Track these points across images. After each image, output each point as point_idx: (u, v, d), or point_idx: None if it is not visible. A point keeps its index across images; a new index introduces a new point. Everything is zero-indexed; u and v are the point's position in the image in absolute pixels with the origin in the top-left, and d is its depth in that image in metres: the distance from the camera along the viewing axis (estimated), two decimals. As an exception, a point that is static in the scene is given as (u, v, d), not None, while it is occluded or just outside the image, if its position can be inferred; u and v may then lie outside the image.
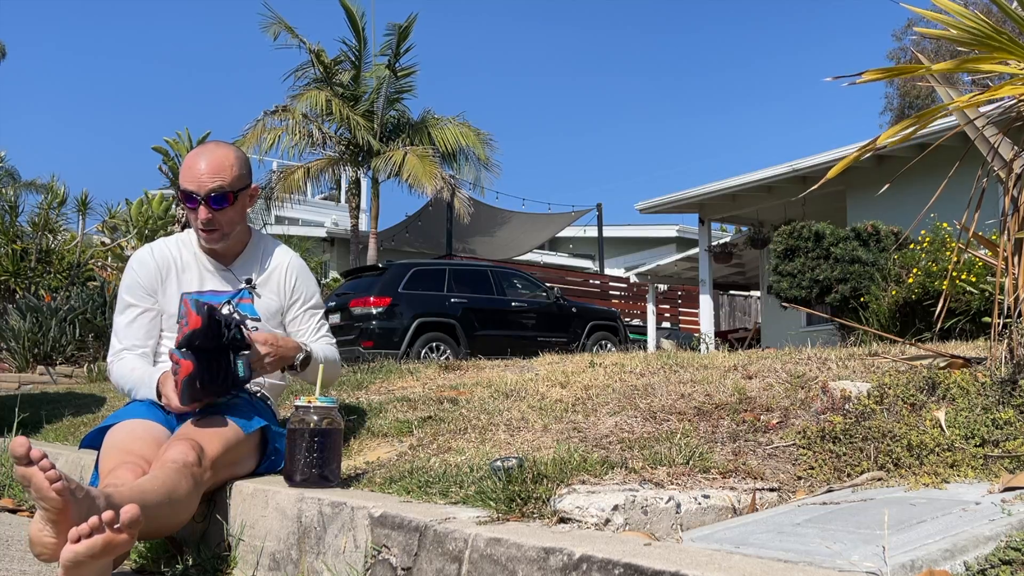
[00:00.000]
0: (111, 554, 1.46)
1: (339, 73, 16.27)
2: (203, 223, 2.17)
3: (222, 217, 2.18)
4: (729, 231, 17.59)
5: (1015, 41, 1.76)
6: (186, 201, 2.18)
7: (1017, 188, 1.87)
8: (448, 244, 18.22)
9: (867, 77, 1.78)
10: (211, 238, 2.20)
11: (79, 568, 1.44)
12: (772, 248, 8.61)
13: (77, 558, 1.43)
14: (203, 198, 2.14)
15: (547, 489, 1.52)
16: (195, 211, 2.17)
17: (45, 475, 1.42)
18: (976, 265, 5.16)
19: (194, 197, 2.14)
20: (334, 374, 2.38)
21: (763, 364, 2.73)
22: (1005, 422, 1.65)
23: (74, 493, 1.46)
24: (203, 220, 2.16)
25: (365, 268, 11.96)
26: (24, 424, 3.73)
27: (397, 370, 4.08)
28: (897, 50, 26.46)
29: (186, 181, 2.16)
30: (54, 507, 1.44)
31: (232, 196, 2.17)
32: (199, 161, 2.16)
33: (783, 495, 1.59)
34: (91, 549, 1.42)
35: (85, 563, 1.44)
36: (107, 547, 1.44)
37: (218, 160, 2.16)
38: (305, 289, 2.35)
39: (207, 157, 2.16)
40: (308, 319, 2.35)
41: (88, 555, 1.43)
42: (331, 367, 2.29)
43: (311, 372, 2.17)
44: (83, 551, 1.42)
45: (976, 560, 1.11)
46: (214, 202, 2.15)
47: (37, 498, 1.45)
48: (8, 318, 10.07)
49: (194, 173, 2.14)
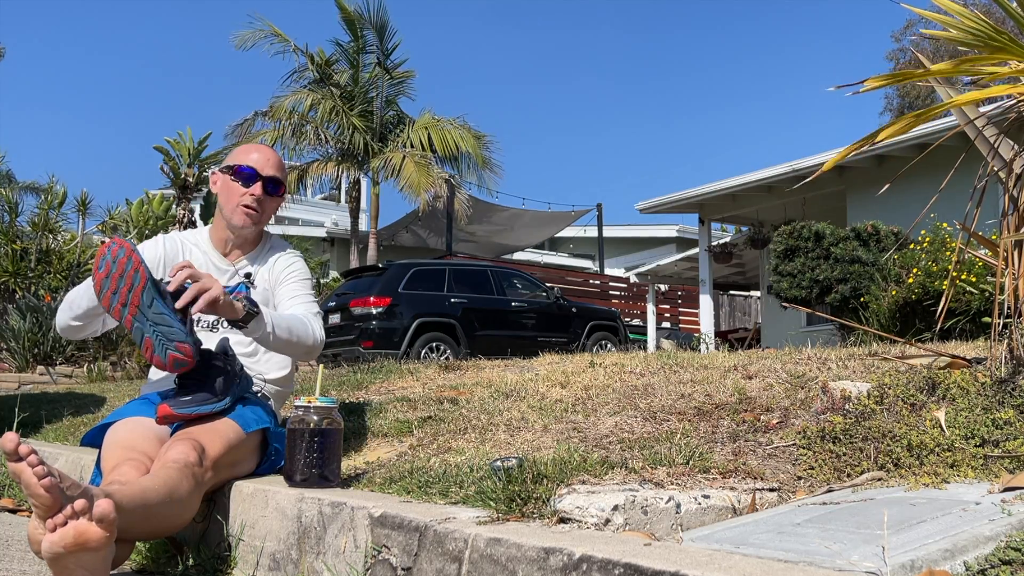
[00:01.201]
0: (86, 547, 1.45)
1: (336, 74, 16.29)
2: (253, 201, 2.27)
3: (267, 204, 2.31)
4: (729, 231, 17.59)
5: (1015, 41, 1.76)
6: (240, 176, 2.28)
7: (1017, 188, 1.87)
8: (448, 245, 18.23)
9: (870, 85, 1.77)
10: (250, 218, 2.29)
11: (60, 560, 1.45)
12: (772, 248, 8.60)
13: (53, 548, 1.43)
14: (264, 179, 2.28)
15: (547, 489, 1.52)
16: (249, 186, 2.27)
17: (34, 471, 1.41)
18: (976, 265, 5.16)
19: (256, 174, 2.28)
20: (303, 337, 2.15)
21: (763, 364, 2.73)
22: (1005, 422, 1.65)
23: (65, 490, 1.46)
24: (254, 198, 2.27)
25: (365, 268, 11.97)
26: (24, 424, 3.73)
27: (397, 370, 4.08)
28: (896, 51, 26.47)
29: (247, 161, 2.29)
30: (43, 503, 1.44)
31: (283, 190, 2.35)
32: (261, 151, 2.33)
33: (783, 495, 1.59)
34: (63, 538, 1.42)
35: (64, 556, 1.44)
36: (79, 538, 1.44)
37: (277, 158, 2.35)
38: (291, 271, 2.36)
39: (266, 152, 2.35)
40: (285, 290, 2.31)
41: (62, 545, 1.43)
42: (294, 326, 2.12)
43: (257, 330, 2.02)
44: (56, 541, 1.42)
45: (976, 560, 1.11)
46: (271, 185, 2.30)
47: (27, 494, 1.45)
48: (8, 318, 10.07)
49: (258, 158, 2.30)
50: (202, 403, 2.00)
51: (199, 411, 1.99)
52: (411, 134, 16.42)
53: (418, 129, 16.57)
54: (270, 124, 16.02)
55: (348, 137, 15.98)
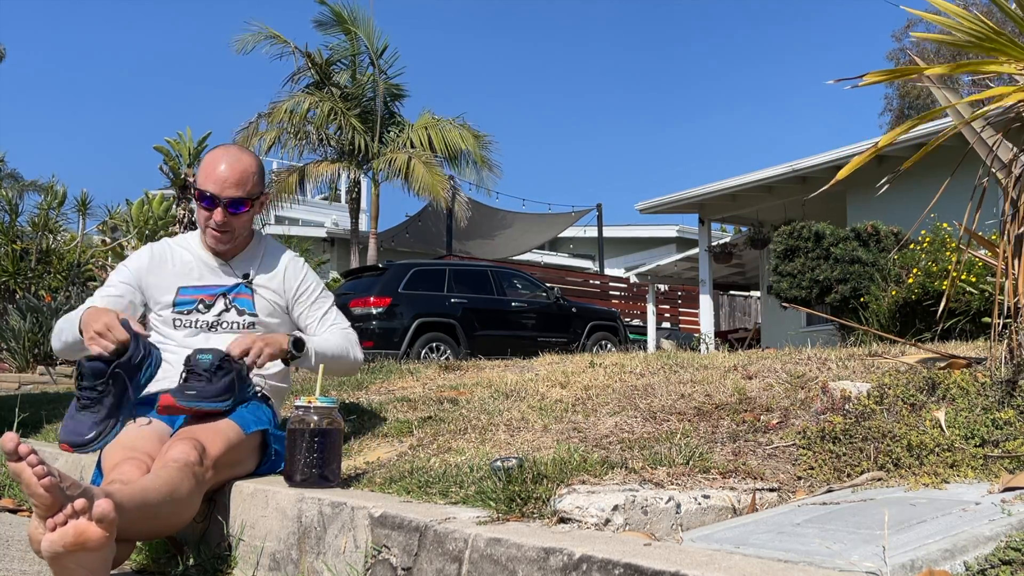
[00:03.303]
0: (86, 547, 1.45)
1: (335, 74, 16.30)
2: (217, 225, 2.22)
3: (236, 222, 2.25)
4: (729, 231, 17.59)
5: (1014, 42, 1.76)
6: (202, 201, 2.22)
7: (1016, 189, 1.87)
8: (448, 245, 18.22)
9: (868, 79, 1.79)
10: (221, 240, 2.26)
11: (60, 560, 1.45)
12: (772, 248, 8.60)
13: (53, 548, 1.43)
14: (223, 202, 2.19)
15: (547, 489, 1.52)
16: (210, 212, 2.21)
17: (33, 470, 1.42)
18: (976, 265, 5.16)
19: (214, 200, 2.19)
20: (344, 362, 2.35)
21: (763, 364, 2.73)
22: (1005, 422, 1.65)
23: (65, 490, 1.46)
24: (218, 223, 2.21)
25: (365, 268, 11.96)
26: (24, 424, 3.73)
27: (397, 370, 4.08)
28: (897, 51, 26.45)
29: (207, 182, 2.20)
30: (43, 503, 1.44)
31: (250, 203, 2.24)
32: (222, 165, 2.21)
33: (783, 495, 1.59)
34: (63, 538, 1.43)
35: (63, 555, 1.44)
36: (79, 538, 1.44)
37: (242, 168, 2.22)
38: (307, 285, 2.38)
39: (230, 163, 2.21)
40: (314, 311, 2.37)
41: (61, 544, 1.43)
42: (337, 354, 2.29)
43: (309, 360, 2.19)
44: (56, 540, 1.43)
45: (976, 560, 1.11)
46: (232, 207, 2.21)
47: (28, 494, 1.46)
48: (8, 318, 10.07)
49: (217, 176, 2.19)
50: (206, 399, 2.00)
51: (201, 407, 2.00)
52: (411, 134, 16.41)
53: (418, 129, 16.57)
54: (272, 127, 16.02)
55: (348, 138, 15.98)
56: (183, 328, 2.26)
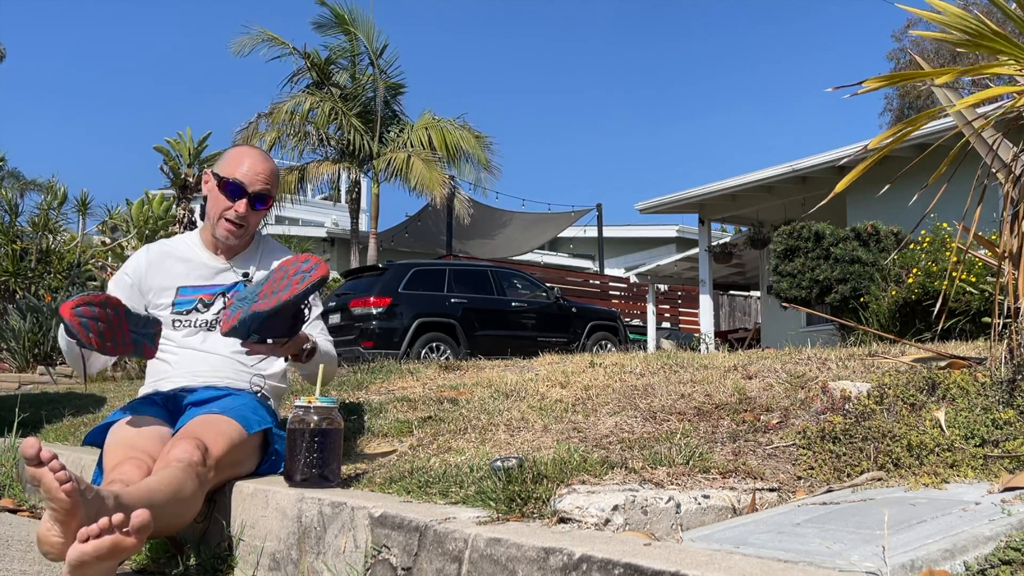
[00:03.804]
0: (117, 556, 1.47)
1: (334, 74, 16.31)
2: (238, 217, 2.25)
3: (253, 217, 2.30)
4: (729, 231, 17.59)
5: (1013, 42, 1.76)
6: (227, 190, 2.24)
7: (1016, 189, 1.87)
8: (448, 244, 18.22)
9: (868, 86, 1.78)
10: (235, 233, 2.28)
11: (84, 568, 1.45)
12: (772, 248, 8.60)
13: (83, 558, 1.43)
14: (251, 195, 2.25)
15: (547, 489, 1.52)
16: (233, 202, 2.25)
17: (55, 476, 1.42)
18: (976, 265, 5.16)
19: (243, 189, 2.24)
20: (333, 370, 2.42)
21: (763, 364, 2.73)
22: (1005, 422, 1.65)
23: (84, 494, 1.47)
24: (239, 214, 2.25)
25: (365, 268, 11.96)
26: (24, 424, 3.73)
27: (397, 370, 4.08)
28: (896, 51, 26.47)
29: (237, 173, 2.24)
30: (63, 508, 1.45)
31: (271, 201, 2.31)
32: (252, 159, 2.27)
33: (783, 495, 1.59)
34: (98, 550, 1.43)
35: (91, 564, 1.44)
36: (114, 549, 1.45)
37: (269, 167, 2.29)
38: None
39: (260, 159, 2.29)
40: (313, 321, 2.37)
41: (95, 556, 1.43)
42: (331, 363, 2.33)
43: (313, 365, 2.19)
44: (90, 551, 1.43)
45: (976, 560, 1.11)
46: (258, 201, 2.27)
47: (47, 498, 1.46)
48: (8, 318, 10.06)
49: (247, 169, 2.25)
50: (277, 330, 1.99)
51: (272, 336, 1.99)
52: (411, 134, 16.42)
53: (418, 129, 16.57)
54: (272, 127, 16.03)
55: (349, 138, 15.99)
56: (182, 328, 2.26)
